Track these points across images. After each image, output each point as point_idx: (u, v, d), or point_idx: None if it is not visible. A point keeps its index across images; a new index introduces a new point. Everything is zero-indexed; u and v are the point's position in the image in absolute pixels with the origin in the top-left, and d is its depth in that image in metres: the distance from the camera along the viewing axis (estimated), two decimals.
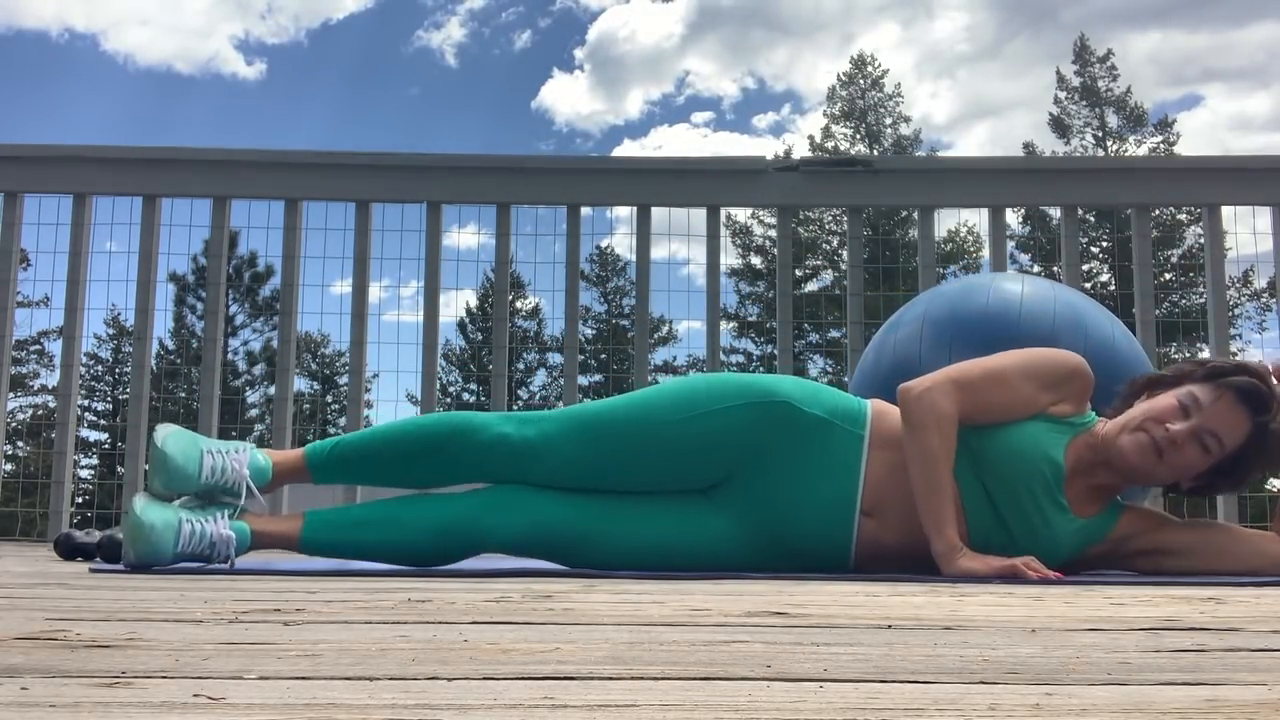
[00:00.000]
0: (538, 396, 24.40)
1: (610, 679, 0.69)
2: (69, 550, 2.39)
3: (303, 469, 2.04)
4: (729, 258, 25.89)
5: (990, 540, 1.95)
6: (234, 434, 5.69)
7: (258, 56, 48.03)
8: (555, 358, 21.27)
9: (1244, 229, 3.67)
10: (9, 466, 4.89)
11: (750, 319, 24.44)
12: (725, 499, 2.01)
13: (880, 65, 28.89)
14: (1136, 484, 2.04)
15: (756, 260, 25.43)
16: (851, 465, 1.99)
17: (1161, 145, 26.30)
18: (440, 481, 2.09)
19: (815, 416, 2.01)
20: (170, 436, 1.94)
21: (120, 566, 1.94)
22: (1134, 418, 1.97)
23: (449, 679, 0.68)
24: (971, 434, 1.98)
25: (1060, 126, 27.23)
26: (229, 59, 47.24)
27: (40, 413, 19.86)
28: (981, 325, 2.31)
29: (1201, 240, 3.96)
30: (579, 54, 49.33)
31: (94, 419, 23.58)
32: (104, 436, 22.84)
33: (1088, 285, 21.62)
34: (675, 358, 22.44)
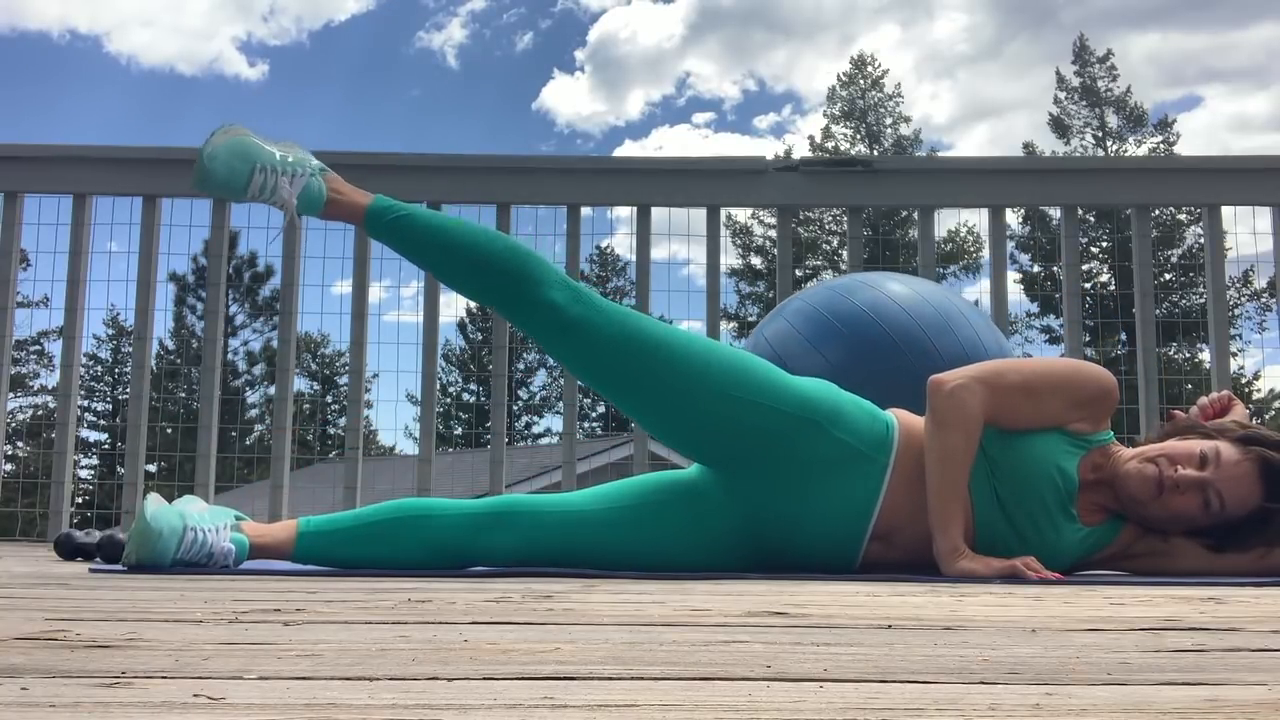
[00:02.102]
0: (538, 397, 24.43)
1: (610, 679, 0.69)
2: (69, 550, 2.39)
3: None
4: (729, 258, 25.90)
5: (996, 542, 1.94)
6: (233, 434, 5.68)
7: (260, 58, 47.90)
8: None
9: (1244, 229, 3.68)
10: (9, 466, 4.89)
11: (750, 319, 24.43)
12: (731, 510, 1.99)
13: (880, 65, 28.90)
14: (1131, 514, 1.99)
15: (756, 260, 25.43)
16: (870, 493, 1.96)
17: (1161, 145, 26.30)
18: (474, 297, 2.17)
19: (842, 442, 1.96)
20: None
21: (120, 566, 1.94)
22: (1152, 450, 1.96)
23: (449, 679, 0.68)
24: (988, 437, 1.97)
25: (1060, 127, 27.23)
26: (232, 60, 47.15)
27: (40, 413, 19.85)
28: (851, 323, 2.33)
29: (1201, 240, 3.96)
30: (580, 55, 49.33)
31: (94, 419, 23.58)
32: (104, 436, 22.85)
33: (1088, 285, 21.61)
34: None
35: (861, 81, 28.61)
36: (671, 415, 2.01)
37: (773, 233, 11.32)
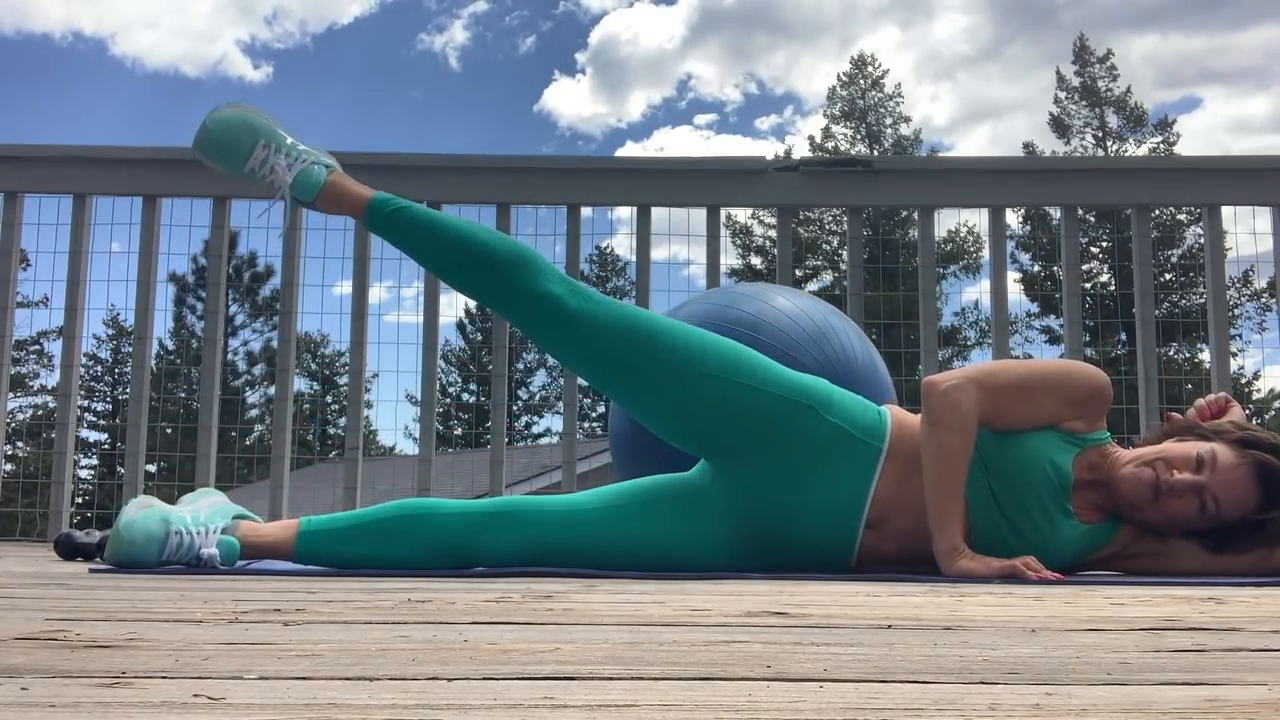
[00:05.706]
0: (537, 397, 24.43)
1: (610, 679, 0.69)
2: (69, 550, 2.39)
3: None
4: (729, 258, 25.89)
5: (993, 540, 1.94)
6: (233, 434, 5.66)
7: (264, 60, 48.00)
8: None
9: (1244, 229, 3.68)
10: (9, 466, 4.89)
11: None
12: (728, 499, 2.00)
13: (880, 66, 28.89)
14: (1127, 517, 1.98)
15: (756, 260, 25.42)
16: (863, 478, 1.97)
17: (1161, 146, 26.30)
18: (472, 292, 2.13)
19: (835, 426, 1.99)
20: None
21: (120, 567, 1.93)
22: (1149, 453, 1.95)
23: (449, 679, 0.68)
24: (982, 436, 1.98)
25: (1060, 127, 27.23)
26: (236, 62, 47.05)
27: (40, 413, 19.84)
28: (736, 330, 2.42)
29: (1201, 240, 3.96)
30: (581, 57, 49.50)
31: (94, 419, 23.57)
32: (104, 436, 22.84)
33: (1088, 285, 21.61)
34: None
35: (861, 82, 28.60)
36: (671, 404, 2.03)
37: (773, 233, 11.32)
